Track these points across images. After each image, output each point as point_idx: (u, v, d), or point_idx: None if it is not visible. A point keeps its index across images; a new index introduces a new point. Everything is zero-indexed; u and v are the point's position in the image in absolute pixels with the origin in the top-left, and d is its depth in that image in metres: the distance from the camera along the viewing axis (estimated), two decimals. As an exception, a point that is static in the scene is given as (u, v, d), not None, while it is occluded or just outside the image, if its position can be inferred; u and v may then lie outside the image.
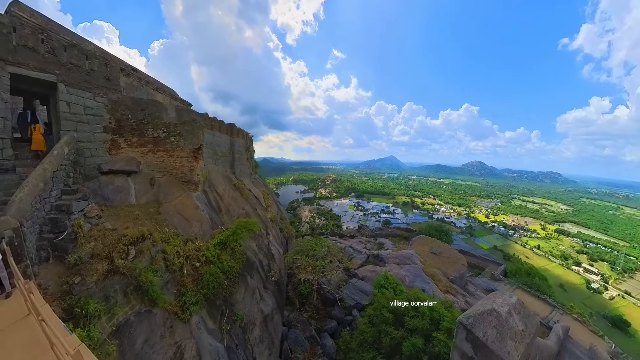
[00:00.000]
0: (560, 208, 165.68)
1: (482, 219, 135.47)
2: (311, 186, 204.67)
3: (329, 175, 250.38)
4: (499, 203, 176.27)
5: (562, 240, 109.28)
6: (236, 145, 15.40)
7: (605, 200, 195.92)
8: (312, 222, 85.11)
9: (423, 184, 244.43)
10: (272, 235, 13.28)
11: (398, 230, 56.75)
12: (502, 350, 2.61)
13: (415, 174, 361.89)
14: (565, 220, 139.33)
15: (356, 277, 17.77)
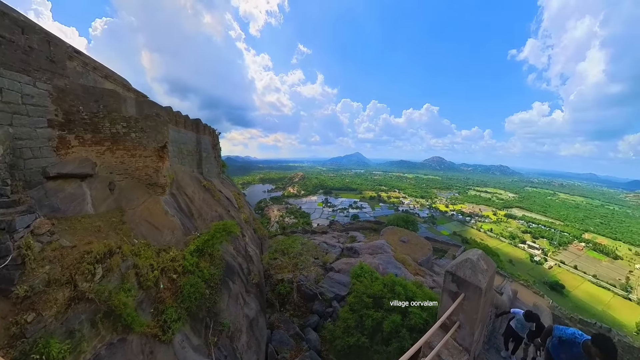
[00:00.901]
0: (508, 196, 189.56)
1: (443, 208, 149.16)
2: (279, 185, 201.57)
3: (297, 173, 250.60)
4: (456, 194, 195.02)
5: (510, 223, 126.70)
6: (203, 142, 14.26)
7: (544, 188, 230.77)
8: (281, 222, 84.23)
9: (388, 178, 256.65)
10: (248, 237, 12.83)
11: (368, 223, 59.74)
12: (476, 280, 3.80)
13: (381, 170, 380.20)
14: (512, 206, 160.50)
15: (333, 270, 18.24)
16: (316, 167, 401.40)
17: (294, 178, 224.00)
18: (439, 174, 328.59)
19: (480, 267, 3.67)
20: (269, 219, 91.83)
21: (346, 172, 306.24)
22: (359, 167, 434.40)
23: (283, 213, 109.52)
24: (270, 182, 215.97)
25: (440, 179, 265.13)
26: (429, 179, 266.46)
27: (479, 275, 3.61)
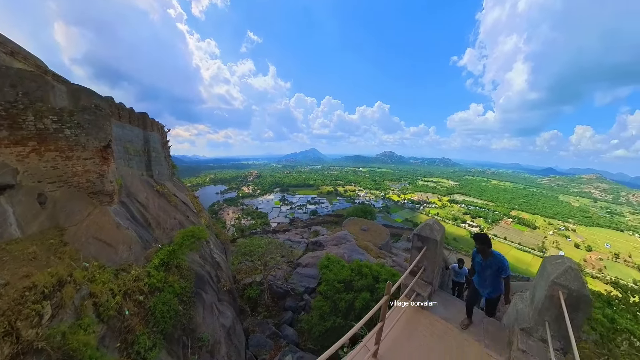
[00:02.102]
0: (451, 184, 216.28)
1: (395, 198, 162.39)
2: (232, 185, 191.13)
3: (251, 172, 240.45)
4: (407, 184, 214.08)
5: (453, 207, 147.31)
6: (151, 140, 12.46)
7: (479, 176, 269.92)
8: (238, 224, 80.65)
9: (344, 173, 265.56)
10: (212, 243, 12.10)
11: (329, 217, 61.91)
12: (433, 236, 5.24)
13: (337, 165, 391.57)
14: (454, 192, 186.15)
15: (300, 266, 18.56)
16: (271, 165, 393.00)
17: (248, 177, 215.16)
18: (390, 167, 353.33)
19: (435, 228, 5.46)
20: (224, 222, 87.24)
21: (302, 169, 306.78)
22: (315, 163, 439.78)
23: (239, 215, 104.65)
24: (223, 182, 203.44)
25: (392, 172, 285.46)
26: (381, 172, 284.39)
27: (435, 232, 5.31)
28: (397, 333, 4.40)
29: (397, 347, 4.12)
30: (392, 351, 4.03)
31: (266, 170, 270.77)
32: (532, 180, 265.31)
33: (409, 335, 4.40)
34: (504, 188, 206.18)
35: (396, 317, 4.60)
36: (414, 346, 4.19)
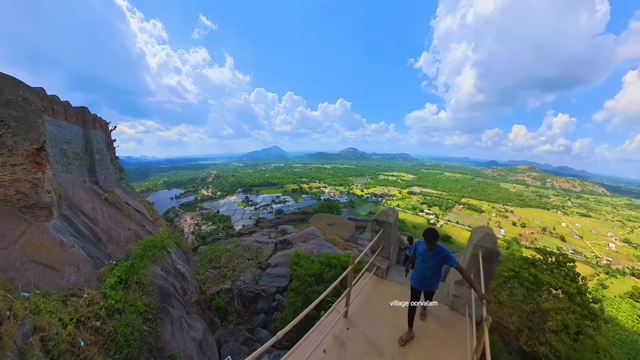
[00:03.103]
0: (409, 177, 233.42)
1: (359, 193, 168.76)
2: (189, 188, 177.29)
3: (210, 172, 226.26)
4: (369, 179, 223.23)
5: (412, 198, 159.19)
6: (94, 140, 10.80)
7: (434, 169, 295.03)
8: (197, 231, 75.58)
9: (308, 170, 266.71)
10: (173, 253, 11.41)
11: (295, 215, 61.86)
12: (387, 219, 6.08)
13: (300, 162, 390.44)
14: (412, 185, 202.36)
15: (269, 266, 18.44)
16: (232, 164, 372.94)
17: (207, 178, 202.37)
18: (353, 163, 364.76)
19: (389, 213, 6.36)
20: (182, 230, 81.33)
21: (265, 167, 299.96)
22: (279, 161, 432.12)
23: (199, 220, 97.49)
24: (178, 185, 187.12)
25: (355, 168, 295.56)
26: (345, 168, 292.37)
27: (389, 217, 6.23)
28: (362, 298, 5.50)
29: (363, 308, 5.15)
30: (359, 311, 5.05)
31: (227, 170, 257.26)
32: (478, 172, 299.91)
33: (372, 299, 5.47)
34: (455, 179, 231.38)
35: (361, 286, 5.77)
36: (376, 306, 5.23)
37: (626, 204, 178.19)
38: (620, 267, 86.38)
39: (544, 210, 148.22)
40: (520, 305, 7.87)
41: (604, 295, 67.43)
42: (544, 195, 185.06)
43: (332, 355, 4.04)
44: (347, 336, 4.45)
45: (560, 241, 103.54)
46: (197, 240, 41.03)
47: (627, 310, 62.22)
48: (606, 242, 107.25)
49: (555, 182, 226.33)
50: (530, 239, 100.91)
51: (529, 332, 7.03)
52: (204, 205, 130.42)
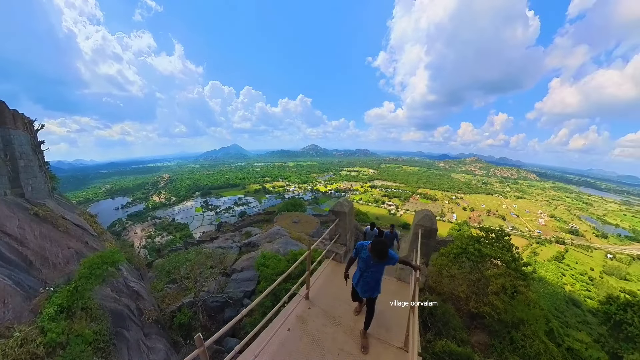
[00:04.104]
0: (370, 172, 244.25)
1: (322, 189, 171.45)
2: (138, 195, 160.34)
3: (162, 176, 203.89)
4: (332, 175, 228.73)
5: (373, 192, 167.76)
6: (16, 142, 9.08)
7: (393, 164, 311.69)
8: (151, 244, 68.89)
9: (271, 169, 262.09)
10: (125, 270, 10.46)
11: (259, 215, 60.41)
12: (342, 209, 6.92)
13: (262, 161, 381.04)
14: (374, 179, 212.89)
15: (235, 271, 17.87)
16: (187, 165, 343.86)
17: (158, 183, 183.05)
18: (316, 160, 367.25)
19: (344, 204, 7.03)
20: (132, 244, 73.69)
21: (225, 167, 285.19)
22: (239, 160, 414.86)
23: (151, 232, 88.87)
24: (124, 193, 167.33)
25: (317, 164, 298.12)
26: (308, 165, 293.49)
27: (344, 207, 6.93)
28: (322, 281, 6.11)
29: (322, 290, 5.68)
30: (320, 293, 5.60)
31: (181, 173, 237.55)
32: (432, 164, 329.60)
33: (331, 281, 6.04)
34: (412, 172, 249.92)
35: (321, 271, 6.48)
36: (335, 287, 5.74)
37: (551, 186, 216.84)
38: (547, 237, 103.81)
39: (488, 196, 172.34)
40: (467, 275, 8.95)
41: (536, 260, 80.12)
42: (488, 182, 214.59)
43: (296, 331, 4.53)
44: (309, 314, 4.95)
45: (501, 220, 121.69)
46: (151, 255, 37.27)
47: (553, 270, 74.83)
48: (537, 218, 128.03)
49: (497, 171, 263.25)
50: (478, 220, 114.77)
51: (476, 297, 8.06)
52: (156, 214, 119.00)
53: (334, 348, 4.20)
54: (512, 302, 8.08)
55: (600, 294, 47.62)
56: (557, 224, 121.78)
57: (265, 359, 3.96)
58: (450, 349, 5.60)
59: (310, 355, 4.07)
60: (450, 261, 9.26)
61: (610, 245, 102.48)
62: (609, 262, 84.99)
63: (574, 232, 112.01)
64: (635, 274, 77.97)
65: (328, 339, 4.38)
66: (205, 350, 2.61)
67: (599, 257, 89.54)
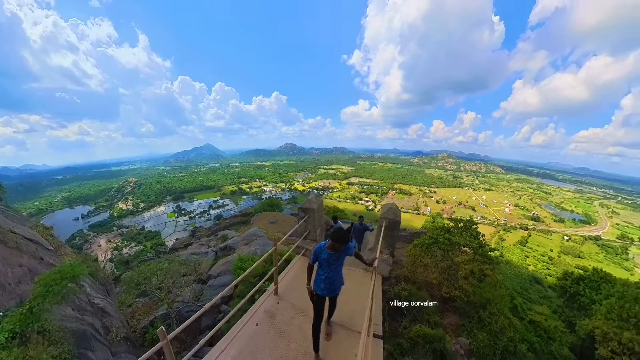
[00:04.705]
0: (347, 169, 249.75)
1: (300, 188, 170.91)
2: (101, 202, 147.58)
3: (128, 180, 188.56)
4: (310, 174, 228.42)
5: (351, 189, 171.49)
6: None
7: (369, 161, 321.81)
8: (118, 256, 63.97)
9: (247, 169, 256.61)
10: (88, 285, 9.77)
11: (236, 218, 58.81)
12: (311, 206, 7.26)
13: (237, 161, 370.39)
14: (351, 176, 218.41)
15: (212, 277, 17.40)
16: (156, 167, 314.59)
17: (124, 188, 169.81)
18: (293, 159, 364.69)
19: (313, 200, 7.27)
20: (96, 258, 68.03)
21: (198, 169, 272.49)
22: (213, 161, 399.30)
23: (118, 243, 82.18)
24: (85, 201, 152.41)
25: (295, 163, 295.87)
26: (285, 164, 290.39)
27: (313, 203, 7.18)
28: (292, 277, 6.40)
29: (292, 285, 5.89)
30: (289, 288, 5.81)
31: (150, 176, 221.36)
32: (407, 161, 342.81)
33: (300, 277, 6.09)
34: (388, 168, 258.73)
35: (291, 267, 6.73)
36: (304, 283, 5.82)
37: (516, 179, 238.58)
38: (513, 225, 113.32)
39: (459, 189, 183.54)
40: (439, 264, 9.48)
41: (503, 245, 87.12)
42: (459, 176, 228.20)
43: (264, 325, 4.73)
44: (277, 309, 5.16)
45: (472, 211, 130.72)
46: (118, 268, 34.46)
47: (518, 253, 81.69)
48: (503, 208, 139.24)
49: (466, 166, 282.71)
50: (450, 212, 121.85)
51: (447, 283, 8.57)
52: (123, 223, 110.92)
53: (299, 337, 4.39)
54: (480, 284, 8.72)
55: (558, 271, 52.45)
56: (521, 212, 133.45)
57: (233, 352, 4.11)
58: (424, 333, 5.95)
59: (277, 345, 4.29)
60: (423, 251, 9.74)
61: (566, 229, 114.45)
62: (565, 243, 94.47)
63: (535, 218, 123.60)
64: (588, 252, 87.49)
65: (295, 329, 4.58)
66: (168, 343, 2.65)
67: (557, 239, 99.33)
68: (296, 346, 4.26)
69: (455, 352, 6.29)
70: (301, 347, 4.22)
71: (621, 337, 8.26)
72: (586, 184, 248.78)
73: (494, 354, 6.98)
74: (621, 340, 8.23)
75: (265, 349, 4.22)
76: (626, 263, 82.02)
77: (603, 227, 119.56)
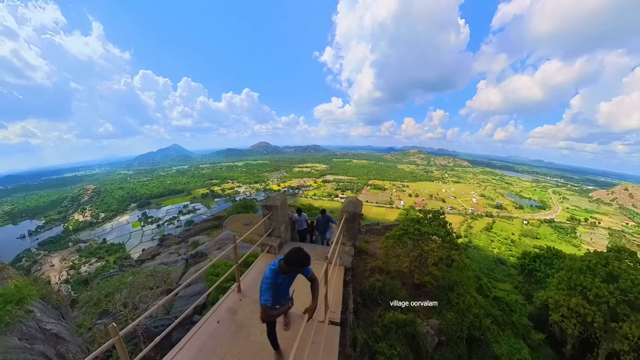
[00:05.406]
0: (322, 167, 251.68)
1: (276, 188, 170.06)
2: (52, 215, 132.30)
3: (86, 187, 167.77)
4: (285, 173, 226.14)
5: (326, 186, 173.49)
6: None
7: (344, 158, 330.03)
8: (75, 276, 57.89)
9: (218, 170, 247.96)
10: (38, 310, 8.87)
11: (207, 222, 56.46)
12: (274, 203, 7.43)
13: (208, 162, 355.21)
14: (326, 173, 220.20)
15: (182, 287, 16.64)
16: (117, 172, 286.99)
17: (80, 196, 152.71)
18: (267, 158, 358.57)
19: (276, 198, 7.45)
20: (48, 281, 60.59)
21: (165, 172, 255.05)
22: (181, 162, 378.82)
23: (74, 261, 74.02)
24: (32, 214, 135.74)
25: (269, 163, 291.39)
26: (258, 164, 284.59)
27: (276, 201, 7.41)
28: (256, 273, 6.56)
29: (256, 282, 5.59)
30: (252, 284, 5.91)
31: (110, 181, 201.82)
32: (380, 157, 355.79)
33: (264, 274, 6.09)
34: (362, 165, 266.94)
35: (255, 264, 6.92)
36: None
37: (481, 171, 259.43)
38: (479, 213, 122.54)
39: (430, 182, 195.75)
40: (410, 253, 9.94)
41: (471, 232, 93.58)
42: (429, 171, 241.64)
43: (225, 322, 4.82)
44: (239, 305, 5.28)
45: (442, 202, 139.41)
46: (76, 289, 30.75)
47: (484, 239, 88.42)
48: (470, 198, 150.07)
49: (436, 161, 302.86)
50: (422, 204, 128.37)
51: (418, 270, 9.03)
52: (80, 237, 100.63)
53: (258, 330, 4.49)
54: (448, 269, 9.28)
55: (519, 252, 57.53)
56: (486, 201, 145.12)
57: (192, 351, 4.20)
58: (397, 319, 6.23)
59: (237, 339, 4.44)
60: (395, 242, 10.13)
61: (525, 214, 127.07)
62: (524, 227, 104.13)
63: (499, 206, 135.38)
64: (543, 233, 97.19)
65: (255, 323, 4.71)
66: (120, 339, 2.63)
67: (518, 224, 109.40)
68: (255, 338, 4.45)
69: (426, 333, 6.66)
70: (259, 339, 4.39)
71: (569, 303, 9.35)
72: (541, 175, 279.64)
73: (461, 331, 7.53)
74: (569, 305, 9.32)
75: (226, 343, 4.36)
76: (575, 241, 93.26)
77: (556, 212, 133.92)
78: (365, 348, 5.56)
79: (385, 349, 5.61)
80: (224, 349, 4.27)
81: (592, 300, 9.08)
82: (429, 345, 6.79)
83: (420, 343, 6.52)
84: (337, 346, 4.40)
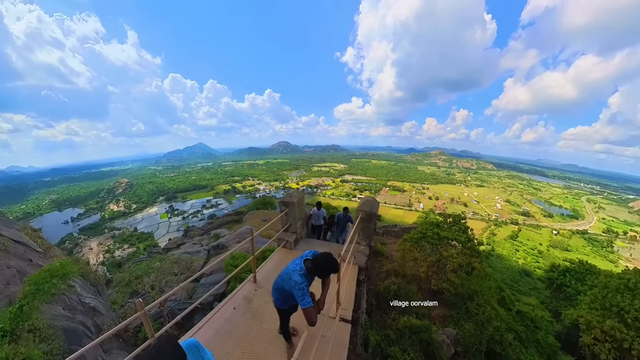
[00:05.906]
0: (341, 167, 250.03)
1: (294, 186, 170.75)
2: (91, 205, 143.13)
3: (120, 181, 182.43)
4: (304, 172, 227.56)
5: (345, 186, 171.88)
6: None
7: (363, 158, 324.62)
8: (110, 259, 62.88)
9: (240, 168, 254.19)
10: (79, 286, 9.65)
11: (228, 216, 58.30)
12: (291, 200, 7.41)
13: (230, 160, 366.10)
14: (344, 173, 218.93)
15: (204, 276, 17.33)
16: (148, 167, 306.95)
17: (115, 189, 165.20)
18: (287, 157, 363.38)
19: (293, 195, 7.55)
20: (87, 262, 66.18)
21: (191, 168, 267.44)
22: (206, 160, 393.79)
23: (110, 246, 79.96)
24: (74, 203, 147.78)
25: (288, 161, 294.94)
26: (278, 162, 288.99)
27: (293, 198, 7.41)
28: (272, 266, 6.70)
29: (271, 274, 6.07)
30: (268, 276, 6.10)
31: (142, 176, 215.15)
32: (400, 158, 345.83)
33: (280, 266, 6.18)
34: (381, 165, 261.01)
35: (271, 257, 7.07)
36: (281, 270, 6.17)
37: (507, 175, 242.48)
38: (504, 220, 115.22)
39: (452, 185, 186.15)
40: (428, 257, 9.62)
41: (495, 240, 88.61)
42: (451, 173, 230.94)
43: (241, 309, 5.11)
44: (255, 295, 5.53)
45: (464, 207, 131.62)
46: (110, 271, 33.77)
47: (508, 247, 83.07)
48: (494, 203, 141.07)
49: (459, 163, 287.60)
50: (443, 208, 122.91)
51: (436, 276, 8.71)
52: (115, 225, 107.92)
53: (272, 320, 4.68)
54: (468, 277, 8.88)
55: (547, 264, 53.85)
56: (511, 207, 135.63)
57: (210, 332, 4.49)
58: (411, 324, 6.06)
59: (251, 326, 4.71)
60: (412, 245, 9.87)
61: (555, 223, 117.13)
62: (554, 237, 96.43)
63: (525, 213, 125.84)
64: (575, 245, 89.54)
65: (268, 312, 4.92)
66: (145, 314, 2.81)
67: (546, 233, 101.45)
68: (267, 326, 4.71)
69: (442, 342, 6.41)
70: (271, 327, 4.62)
71: (603, 325, 8.54)
72: (574, 180, 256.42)
73: (480, 343, 7.15)
74: (603, 328, 8.51)
75: (241, 328, 4.66)
76: (611, 256, 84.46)
77: (590, 222, 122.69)
78: (377, 350, 5.47)
79: (397, 353, 5.48)
80: (238, 333, 4.55)
81: (630, 324, 8.22)
82: (444, 354, 6.52)
83: (435, 351, 6.28)
84: (347, 343, 4.41)
